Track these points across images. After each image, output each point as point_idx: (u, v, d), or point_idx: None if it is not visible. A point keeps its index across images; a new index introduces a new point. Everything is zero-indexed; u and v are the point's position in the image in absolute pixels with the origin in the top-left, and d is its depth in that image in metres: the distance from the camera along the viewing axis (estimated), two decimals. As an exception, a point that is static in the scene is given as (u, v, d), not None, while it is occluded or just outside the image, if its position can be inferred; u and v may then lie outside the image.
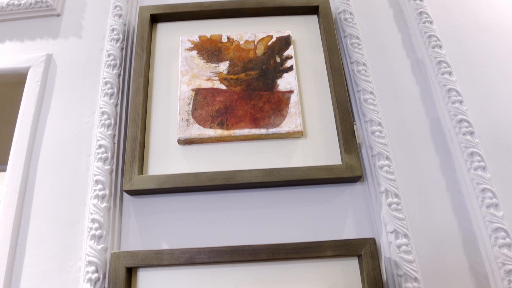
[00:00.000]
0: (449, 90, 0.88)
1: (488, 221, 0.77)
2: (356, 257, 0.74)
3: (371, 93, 0.87)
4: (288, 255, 0.71)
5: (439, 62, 0.92)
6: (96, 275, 0.73)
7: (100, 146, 0.82)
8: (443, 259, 0.76)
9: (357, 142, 0.81)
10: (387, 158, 0.81)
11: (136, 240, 0.77)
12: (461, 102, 0.87)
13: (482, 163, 0.81)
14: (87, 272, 0.73)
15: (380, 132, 0.83)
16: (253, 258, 0.71)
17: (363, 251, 0.72)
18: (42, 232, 0.79)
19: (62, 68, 0.95)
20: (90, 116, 0.89)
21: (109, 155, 0.81)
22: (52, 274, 0.76)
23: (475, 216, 0.79)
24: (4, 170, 0.91)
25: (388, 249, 0.75)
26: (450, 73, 0.90)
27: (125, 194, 0.81)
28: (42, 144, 0.87)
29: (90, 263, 0.73)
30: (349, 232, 0.77)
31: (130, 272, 0.73)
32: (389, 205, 0.77)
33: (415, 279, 0.72)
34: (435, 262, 0.76)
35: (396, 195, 0.78)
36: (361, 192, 0.80)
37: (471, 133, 0.84)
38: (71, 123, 0.89)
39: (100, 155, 0.81)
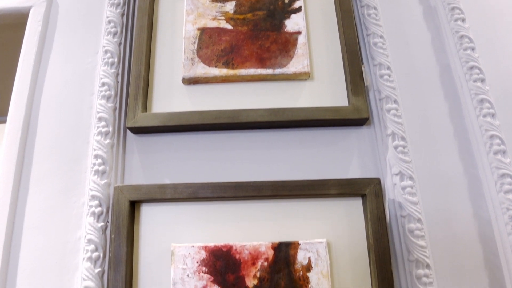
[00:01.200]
0: (462, 36, 0.86)
1: (495, 167, 0.76)
2: (360, 198, 0.74)
3: (381, 37, 0.85)
4: (292, 191, 0.71)
5: (453, 8, 0.89)
6: (99, 209, 0.73)
7: (103, 84, 0.81)
8: (447, 203, 0.76)
9: (365, 84, 0.79)
10: (395, 101, 0.79)
11: (139, 176, 0.77)
12: (473, 49, 0.85)
13: (491, 110, 0.80)
14: (91, 207, 0.73)
15: (389, 76, 0.81)
16: (256, 194, 0.70)
17: (367, 190, 0.71)
18: (45, 169, 0.79)
19: (64, 7, 0.93)
20: (93, 56, 0.87)
21: (112, 93, 0.80)
22: (56, 210, 0.76)
23: (481, 162, 0.78)
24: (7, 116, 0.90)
25: (393, 191, 0.74)
26: (463, 20, 0.88)
27: (128, 133, 0.80)
28: (45, 84, 0.86)
29: (93, 197, 0.73)
30: (353, 173, 0.77)
31: (134, 207, 0.73)
32: (395, 147, 0.76)
33: (419, 220, 0.72)
34: (439, 205, 0.75)
35: (403, 138, 0.77)
36: (367, 136, 0.79)
37: (482, 80, 0.82)
38: (73, 63, 0.87)
39: (103, 93, 0.80)
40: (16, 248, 0.74)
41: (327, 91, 0.80)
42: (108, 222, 0.73)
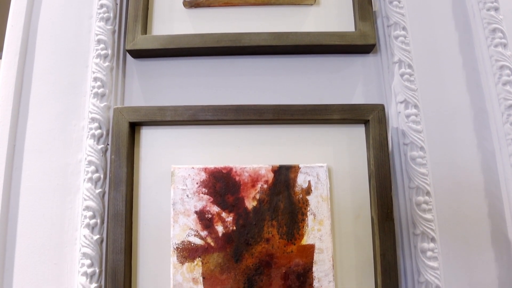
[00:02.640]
0: (477, -37, 0.81)
1: (503, 99, 0.74)
2: (363, 125, 0.73)
3: (392, -39, 0.80)
4: (294, 116, 0.69)
5: None
6: (99, 131, 0.72)
7: (101, 6, 0.78)
8: (451, 132, 0.75)
9: (373, 10, 0.76)
10: (404, 28, 0.76)
11: (139, 100, 0.76)
12: (488, -24, 0.80)
13: (503, 40, 0.77)
14: (90, 129, 0.73)
15: (398, 2, 0.77)
16: (258, 118, 0.69)
17: (371, 116, 0.70)
18: (44, 93, 0.77)
19: None
20: (91, -22, 0.83)
21: (111, 15, 0.77)
22: (56, 133, 0.75)
23: (489, 93, 0.76)
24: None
25: (397, 119, 0.73)
26: None
27: (128, 57, 0.78)
28: (42, 8, 0.83)
29: (93, 120, 0.73)
30: (357, 101, 0.75)
31: (133, 129, 0.72)
32: (402, 75, 0.74)
33: (421, 148, 0.71)
34: (442, 135, 0.74)
35: (410, 66, 0.74)
36: (373, 63, 0.77)
37: (496, 9, 0.79)
38: (71, -14, 0.84)
39: (101, 15, 0.77)
40: (17, 171, 0.74)
41: (333, 16, 0.77)
42: (108, 144, 0.73)
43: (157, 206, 0.70)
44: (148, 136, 0.73)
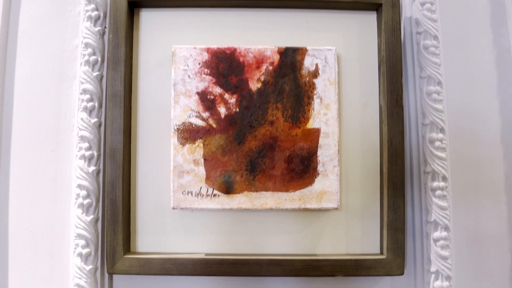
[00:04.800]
0: None
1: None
2: (375, 11, 0.69)
3: None
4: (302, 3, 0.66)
5: None
6: (96, 13, 0.68)
7: None
8: (467, 23, 0.71)
9: None
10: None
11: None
12: None
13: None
14: (87, 11, 0.69)
15: None
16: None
17: (383, 0, 0.66)
18: None
19: None
20: None
21: None
22: (51, 19, 0.71)
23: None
24: None
25: (410, 8, 0.70)
26: None
27: None
28: None
29: (89, 1, 0.69)
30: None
31: (133, 12, 0.69)
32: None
33: (435, 37, 0.68)
34: (458, 29, 0.71)
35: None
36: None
37: None
38: None
39: None
40: (11, 57, 0.71)
41: None
42: (105, 27, 0.69)
43: (157, 87, 0.67)
44: (148, 19, 0.69)
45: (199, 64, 0.65)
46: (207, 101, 0.64)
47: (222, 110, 0.64)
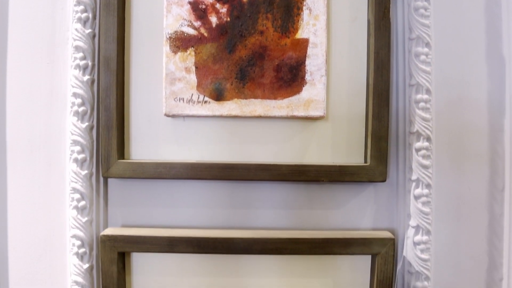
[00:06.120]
0: None
1: None
2: None
3: None
4: None
5: None
6: None
7: None
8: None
9: None
10: None
11: None
12: None
13: None
14: None
15: None
16: None
17: None
18: None
19: None
20: None
21: None
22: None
23: None
24: None
25: None
26: None
27: None
28: None
29: None
30: None
31: None
32: None
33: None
34: None
35: None
36: None
37: None
38: None
39: None
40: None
41: None
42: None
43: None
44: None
45: (191, -27, 0.66)
46: (198, 11, 0.66)
47: (214, 20, 0.66)
